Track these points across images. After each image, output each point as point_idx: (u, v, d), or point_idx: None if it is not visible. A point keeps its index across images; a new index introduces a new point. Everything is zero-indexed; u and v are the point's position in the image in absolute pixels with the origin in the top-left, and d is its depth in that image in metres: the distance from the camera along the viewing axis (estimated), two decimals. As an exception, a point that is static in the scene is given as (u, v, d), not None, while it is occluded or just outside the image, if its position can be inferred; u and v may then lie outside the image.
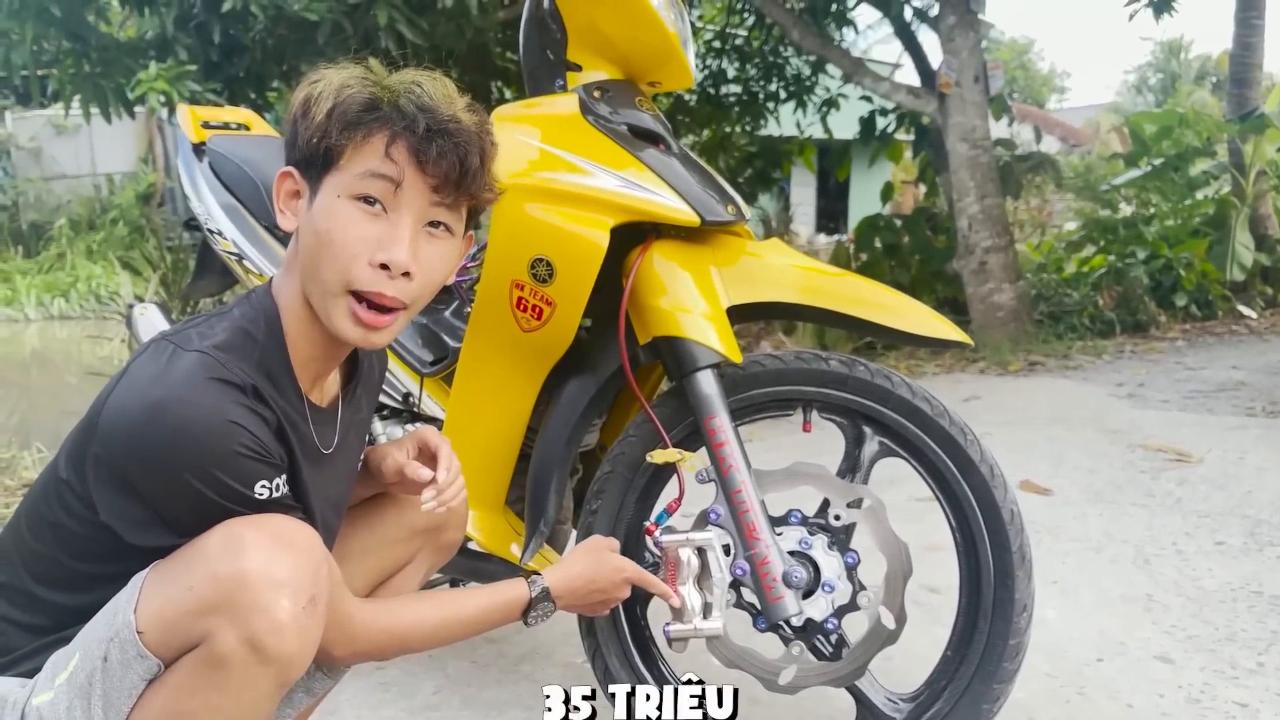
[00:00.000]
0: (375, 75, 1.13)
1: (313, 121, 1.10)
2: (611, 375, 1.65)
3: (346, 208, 1.10)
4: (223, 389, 1.05)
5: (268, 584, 1.02)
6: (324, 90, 1.10)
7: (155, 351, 1.08)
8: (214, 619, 1.01)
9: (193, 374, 1.04)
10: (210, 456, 1.03)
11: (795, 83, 8.09)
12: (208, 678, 1.03)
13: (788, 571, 1.47)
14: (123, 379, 1.07)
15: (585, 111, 1.60)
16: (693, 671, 1.71)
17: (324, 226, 1.10)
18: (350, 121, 1.09)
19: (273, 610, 1.02)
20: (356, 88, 1.10)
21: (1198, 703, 1.85)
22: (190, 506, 1.05)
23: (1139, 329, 6.61)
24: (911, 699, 1.52)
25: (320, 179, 1.11)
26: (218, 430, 1.03)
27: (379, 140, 1.09)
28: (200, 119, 2.27)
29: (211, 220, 2.13)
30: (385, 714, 1.88)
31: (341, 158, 1.10)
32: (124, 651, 1.03)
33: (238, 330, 1.12)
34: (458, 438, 1.70)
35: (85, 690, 1.04)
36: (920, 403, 1.50)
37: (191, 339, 1.09)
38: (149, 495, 1.05)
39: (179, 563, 1.06)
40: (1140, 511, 2.95)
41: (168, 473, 1.03)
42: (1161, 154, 7.90)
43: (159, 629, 1.03)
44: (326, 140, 1.09)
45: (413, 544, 1.49)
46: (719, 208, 1.56)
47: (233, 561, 1.02)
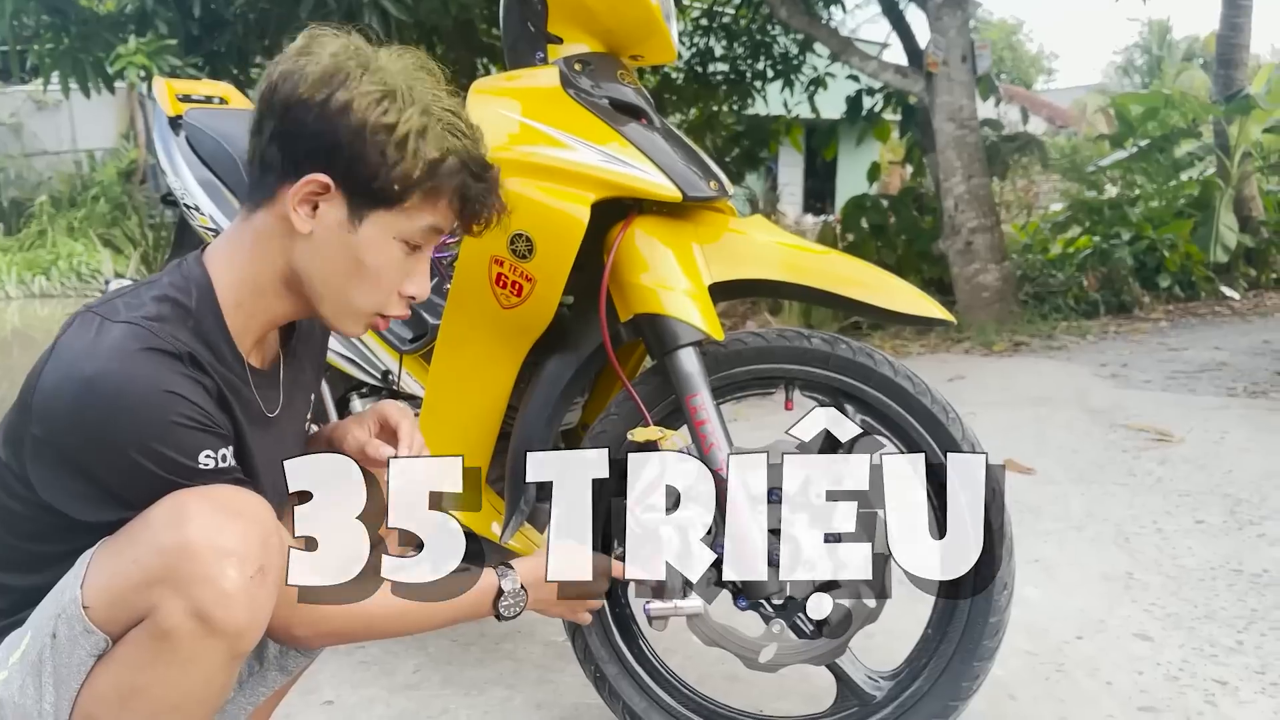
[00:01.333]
0: (451, 115, 1.12)
1: (399, 165, 1.08)
2: (592, 353, 1.64)
3: (395, 249, 1.13)
4: (158, 358, 1.03)
5: (213, 553, 1.00)
6: (416, 132, 1.08)
7: (82, 325, 1.05)
8: (159, 591, 1.00)
9: (124, 345, 1.02)
10: (149, 429, 1.01)
11: (783, 61, 8.06)
12: (155, 651, 1.02)
13: (769, 549, 1.46)
14: (51, 355, 1.05)
15: (566, 85, 1.58)
16: (673, 649, 1.71)
17: (370, 260, 1.12)
18: (441, 179, 1.10)
19: (219, 580, 1.00)
20: (453, 147, 1.11)
21: (1176, 680, 1.86)
22: (135, 481, 1.03)
23: (1123, 310, 6.63)
24: (892, 676, 1.52)
25: (372, 210, 1.11)
26: (155, 401, 1.01)
27: (451, 199, 1.13)
28: (177, 92, 2.24)
29: (188, 195, 2.10)
30: (365, 693, 1.87)
31: (407, 201, 1.10)
32: (71, 627, 1.02)
33: (166, 300, 1.09)
34: (437, 415, 1.69)
35: (36, 668, 1.04)
36: (902, 381, 1.50)
37: (118, 310, 1.06)
38: (92, 472, 1.04)
39: (124, 537, 1.05)
40: (1122, 490, 2.97)
41: (108, 449, 1.02)
42: (1147, 135, 7.91)
43: (105, 603, 1.02)
44: (408, 188, 1.09)
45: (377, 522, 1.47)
46: (701, 183, 1.54)
47: (177, 532, 1.01)
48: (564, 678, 1.91)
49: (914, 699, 1.47)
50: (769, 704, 1.71)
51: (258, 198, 1.13)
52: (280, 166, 1.09)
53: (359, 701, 1.84)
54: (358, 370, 1.94)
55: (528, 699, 1.84)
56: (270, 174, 1.11)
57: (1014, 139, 7.82)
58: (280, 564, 1.08)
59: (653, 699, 1.58)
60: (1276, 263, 7.61)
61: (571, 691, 1.86)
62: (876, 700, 1.50)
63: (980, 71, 6.14)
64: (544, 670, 1.95)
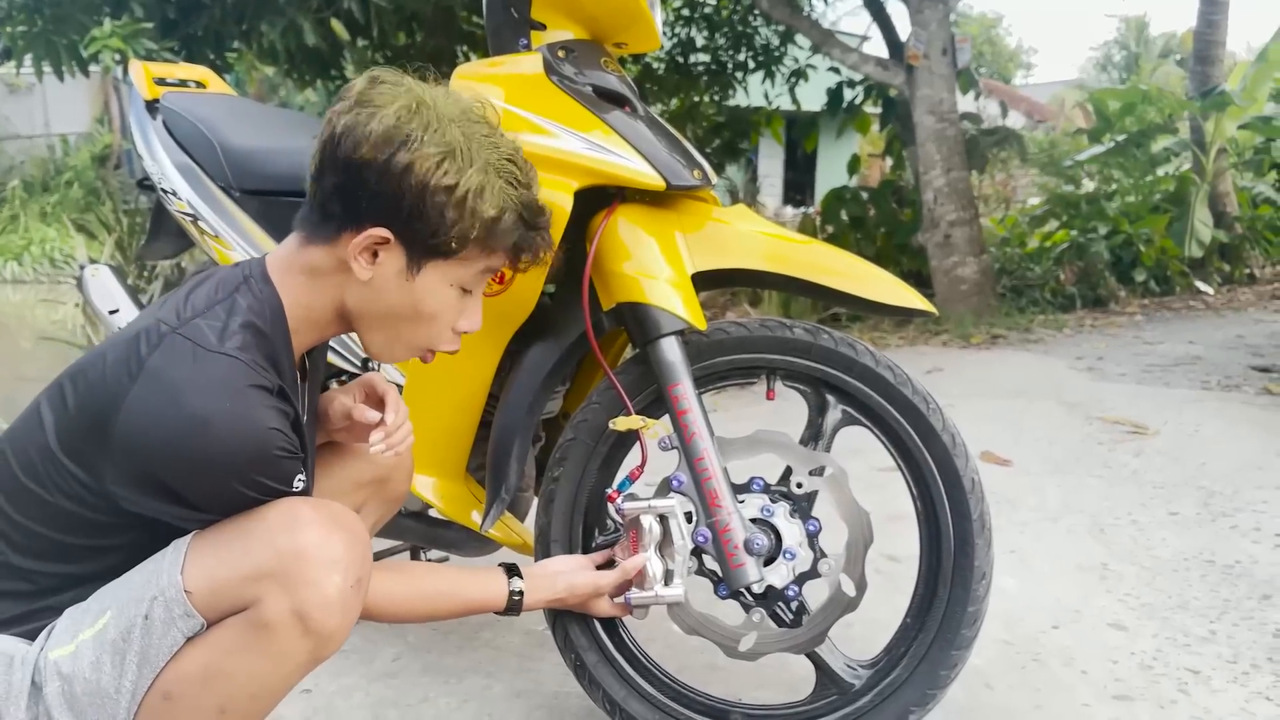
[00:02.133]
0: (510, 166, 1.17)
1: (457, 224, 1.13)
2: (574, 342, 1.63)
3: (453, 295, 1.20)
4: (259, 396, 1.09)
5: (324, 560, 1.08)
6: (474, 192, 1.13)
7: (174, 351, 1.08)
8: (266, 585, 1.07)
9: (231, 382, 1.06)
10: (256, 464, 1.08)
11: (764, 53, 8.06)
12: (251, 640, 1.08)
13: (749, 539, 1.46)
14: (143, 380, 1.06)
15: (549, 72, 1.57)
16: (653, 638, 1.71)
17: (427, 307, 1.19)
18: (498, 234, 1.17)
19: (324, 585, 1.08)
20: (510, 204, 1.17)
21: (1150, 669, 1.88)
22: (234, 504, 1.10)
23: (1099, 304, 6.68)
24: (871, 665, 1.53)
25: (430, 260, 1.17)
26: (262, 439, 1.07)
27: (507, 248, 1.20)
28: (154, 75, 2.20)
29: (165, 180, 2.07)
30: (344, 681, 1.86)
31: (464, 252, 1.17)
32: (169, 610, 1.08)
33: (250, 326, 1.13)
34: (418, 404, 1.68)
35: (119, 647, 1.08)
36: (883, 371, 1.50)
37: (205, 335, 1.09)
38: (191, 498, 1.08)
39: (231, 531, 1.11)
40: (1097, 482, 2.99)
41: (215, 482, 1.07)
42: (1124, 130, 7.97)
43: (208, 590, 1.08)
44: (466, 243, 1.15)
45: (358, 496, 1.52)
46: (685, 172, 1.54)
47: (292, 535, 1.08)
48: (543, 666, 1.91)
49: (892, 687, 1.48)
50: (748, 693, 1.72)
51: (318, 237, 1.18)
52: (341, 216, 1.15)
53: (338, 690, 1.83)
54: (337, 358, 1.92)
55: (507, 687, 1.84)
56: (331, 221, 1.16)
57: (993, 133, 7.85)
58: (370, 574, 1.17)
59: (632, 687, 1.58)
60: (1250, 259, 7.69)
61: (551, 680, 1.86)
62: (855, 689, 1.51)
63: (961, 65, 6.16)
64: (523, 659, 1.95)
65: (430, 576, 1.44)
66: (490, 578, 1.47)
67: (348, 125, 1.12)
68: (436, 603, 1.42)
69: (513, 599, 1.46)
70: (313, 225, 1.18)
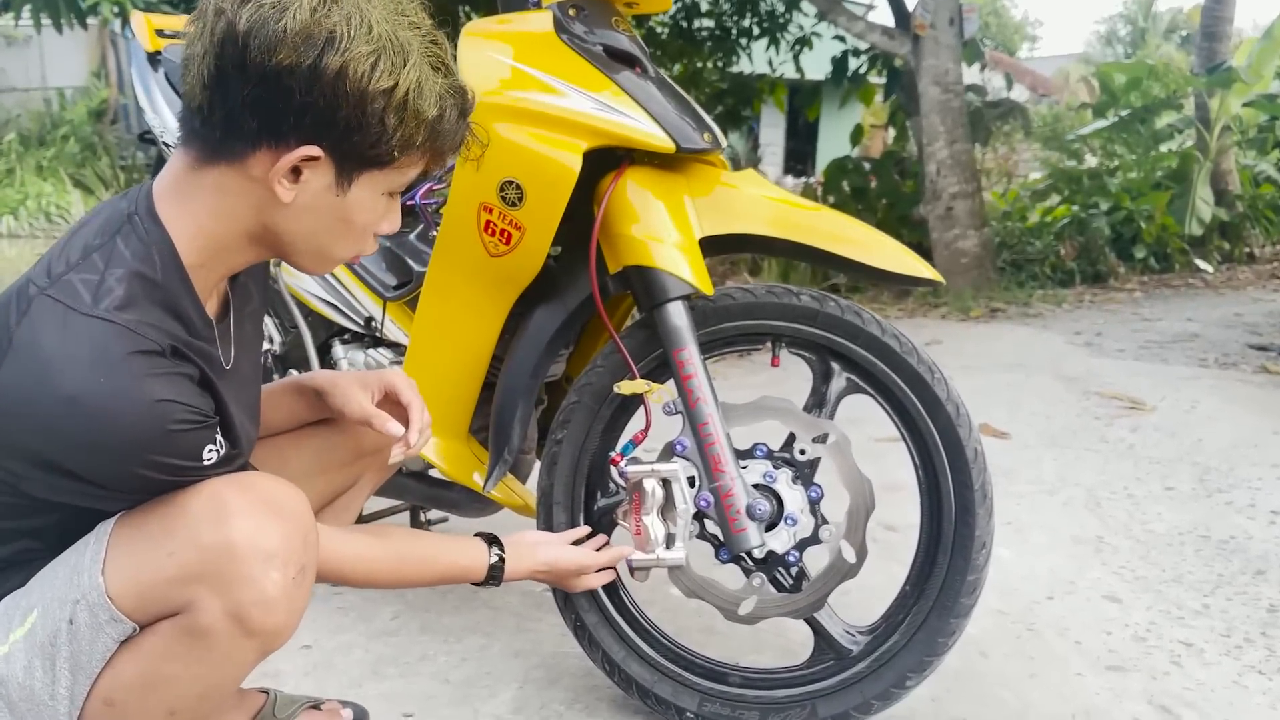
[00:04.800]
0: (441, 63, 1.04)
1: (398, 131, 1.00)
2: (580, 305, 1.63)
3: (385, 202, 1.09)
4: (140, 363, 0.94)
5: (256, 555, 0.98)
6: (414, 92, 0.99)
7: (41, 317, 0.94)
8: (197, 588, 0.98)
9: (105, 353, 0.92)
10: (148, 444, 0.95)
11: (769, 19, 7.99)
12: (187, 646, 1.00)
13: (751, 504, 1.47)
14: (10, 355, 0.93)
15: (560, 30, 1.55)
16: (651, 601, 1.72)
17: (358, 218, 1.06)
18: (440, 135, 1.05)
19: (261, 583, 0.98)
20: (448, 98, 1.04)
21: (1144, 641, 1.89)
22: (140, 486, 1.00)
23: (1098, 279, 6.68)
24: (869, 631, 1.54)
25: (362, 169, 1.03)
26: (148, 415, 0.94)
27: (439, 150, 1.07)
28: (156, 27, 2.18)
29: (168, 133, 2.05)
30: (344, 638, 1.87)
31: (401, 159, 1.04)
32: (94, 615, 0.99)
33: (135, 277, 0.98)
34: (421, 363, 1.68)
35: (48, 651, 1.01)
36: (889, 340, 1.50)
37: (79, 295, 0.95)
38: (88, 479, 0.97)
39: (153, 523, 1.01)
40: (1094, 456, 3.01)
41: (103, 463, 0.95)
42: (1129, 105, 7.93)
43: (134, 594, 0.99)
44: (407, 150, 1.03)
45: (360, 466, 1.48)
46: (695, 135, 1.52)
47: (218, 529, 0.98)
48: (541, 627, 1.92)
49: (890, 653, 1.49)
50: (745, 656, 1.73)
51: (219, 157, 1.00)
52: (256, 133, 0.98)
53: (337, 646, 1.84)
54: (340, 316, 1.92)
55: (505, 647, 1.85)
56: (239, 138, 0.98)
57: (998, 105, 7.81)
58: (316, 558, 1.07)
59: (632, 648, 1.59)
60: (1250, 238, 7.68)
61: (549, 640, 1.87)
62: (853, 654, 1.52)
63: (967, 36, 6.12)
64: (521, 619, 1.96)
65: (407, 542, 1.36)
66: (469, 545, 1.39)
67: (253, 22, 0.93)
68: (413, 569, 1.33)
69: (493, 569, 1.39)
70: (212, 144, 1.00)
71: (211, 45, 0.96)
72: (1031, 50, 31.83)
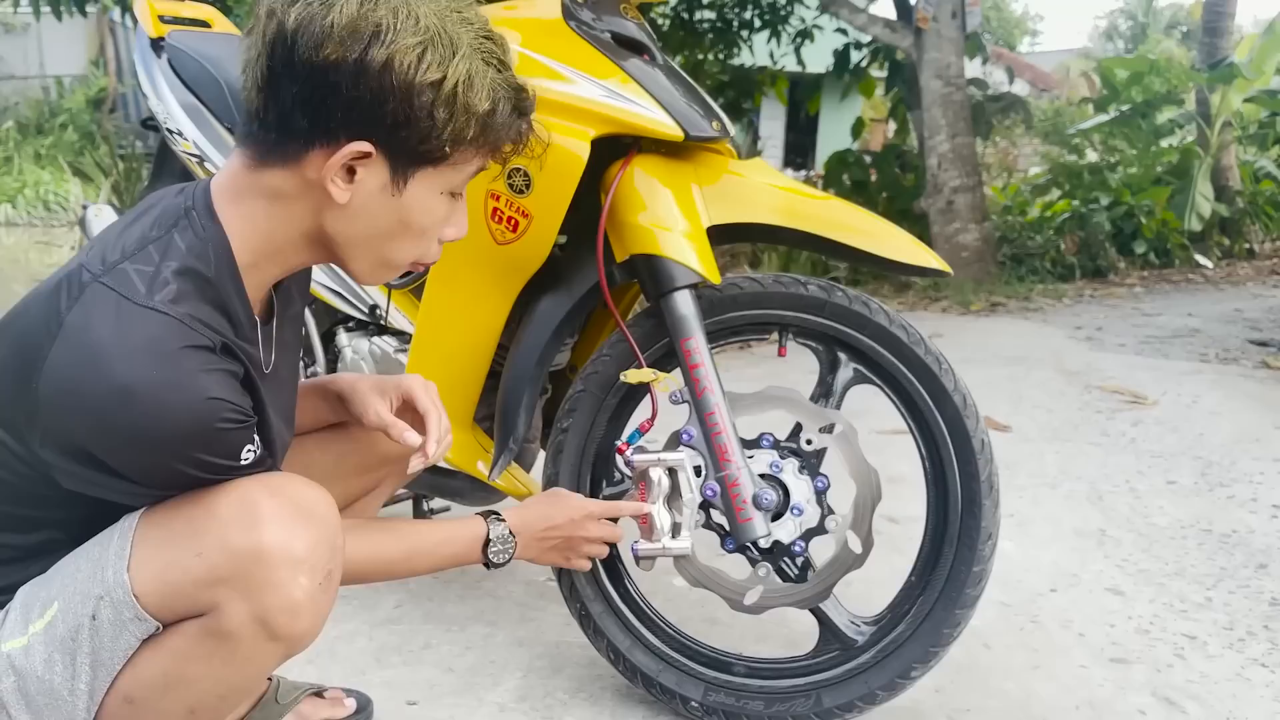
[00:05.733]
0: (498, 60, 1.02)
1: (449, 125, 0.98)
2: (586, 293, 1.62)
3: (444, 202, 1.06)
4: (195, 358, 0.94)
5: (285, 560, 0.97)
6: (463, 84, 0.98)
7: (95, 304, 0.94)
8: (224, 591, 0.97)
9: (160, 345, 0.92)
10: (195, 439, 0.95)
11: (770, 11, 7.97)
12: (211, 648, 1.00)
13: (757, 494, 1.46)
14: (61, 336, 0.93)
15: (568, 17, 1.54)
16: (655, 591, 1.72)
17: (416, 220, 1.04)
18: (494, 129, 1.02)
19: (289, 589, 0.98)
20: (500, 91, 1.01)
21: (1147, 633, 1.89)
22: (174, 481, 0.99)
23: (1099, 274, 6.68)
24: (874, 622, 1.54)
25: (418, 169, 1.02)
26: (200, 411, 0.94)
27: (499, 142, 1.06)
28: (159, 13, 2.17)
29: (171, 119, 2.05)
30: (347, 627, 1.87)
31: (455, 155, 1.02)
32: (118, 613, 0.99)
33: (188, 272, 0.98)
34: (426, 352, 1.68)
35: (69, 646, 1.00)
36: (896, 330, 1.49)
37: (134, 285, 0.95)
38: (126, 473, 0.97)
39: (182, 521, 1.00)
40: (1095, 450, 3.01)
41: (143, 456, 0.95)
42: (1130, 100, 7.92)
43: (159, 593, 0.99)
44: (459, 146, 1.01)
45: (381, 471, 1.47)
46: (704, 123, 1.52)
47: (248, 533, 0.97)
48: (545, 616, 1.92)
49: (895, 644, 1.49)
50: (750, 646, 1.73)
51: (275, 158, 1.00)
52: (308, 131, 0.97)
53: (340, 635, 1.84)
54: (344, 304, 1.91)
55: (509, 636, 1.85)
56: (294, 138, 0.98)
57: (999, 99, 7.80)
58: (342, 563, 1.06)
59: (636, 637, 1.59)
60: (1250, 233, 7.68)
61: (553, 629, 1.87)
62: (858, 644, 1.52)
63: (970, 29, 6.10)
64: (525, 608, 1.96)
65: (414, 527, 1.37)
66: (473, 522, 1.37)
67: (300, 20, 0.94)
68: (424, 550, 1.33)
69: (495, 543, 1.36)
70: (268, 144, 1.00)
71: (264, 47, 0.96)
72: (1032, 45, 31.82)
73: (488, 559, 1.36)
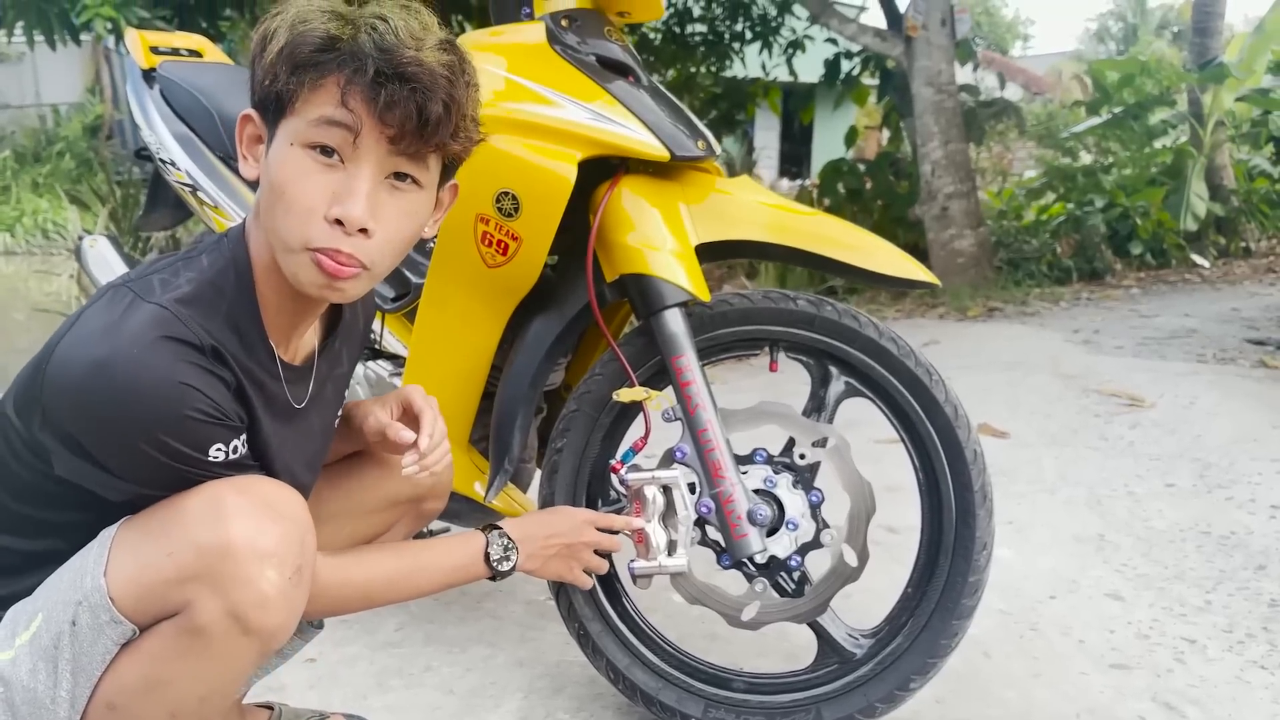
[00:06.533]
0: (339, 7, 1.01)
1: (266, 60, 1.00)
2: (578, 313, 1.63)
3: (300, 158, 1.00)
4: (176, 348, 0.98)
5: (253, 555, 0.99)
6: (280, 24, 1.00)
7: (112, 299, 1.00)
8: (195, 588, 0.98)
9: (145, 330, 0.96)
10: (159, 421, 0.97)
11: (761, 23, 8.01)
12: (186, 647, 1.01)
13: (752, 509, 1.47)
14: (74, 325, 1.00)
15: (553, 41, 1.55)
16: (653, 608, 1.72)
17: (278, 177, 1.01)
18: (301, 62, 0.98)
19: (258, 582, 0.99)
20: (314, 23, 0.99)
21: (1147, 638, 1.90)
22: (139, 467, 1.00)
23: (1095, 276, 6.69)
24: (872, 634, 1.54)
25: (276, 124, 1.02)
26: (167, 394, 0.96)
27: (332, 85, 0.98)
28: (150, 44, 2.19)
29: (164, 150, 2.06)
30: (348, 651, 1.87)
31: (295, 102, 1.00)
32: (95, 616, 1.00)
33: (205, 283, 1.04)
34: (420, 375, 1.68)
35: (51, 654, 1.01)
36: (886, 343, 1.50)
37: (153, 288, 1.01)
38: (98, 455, 1.00)
39: (154, 524, 1.02)
40: (1094, 454, 3.01)
41: (114, 435, 0.98)
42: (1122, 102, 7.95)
43: (134, 594, 1.00)
44: (277, 83, 0.99)
45: (393, 513, 1.46)
46: (689, 143, 1.53)
47: (215, 530, 0.99)
48: (545, 636, 1.92)
49: (894, 656, 1.49)
50: (749, 661, 1.73)
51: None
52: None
53: (342, 659, 1.84)
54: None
55: (510, 656, 1.85)
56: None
57: (991, 104, 7.83)
58: (313, 561, 1.07)
59: (635, 655, 1.59)
60: (1246, 232, 7.69)
61: (553, 649, 1.87)
62: (857, 658, 1.52)
63: (959, 36, 6.13)
64: (525, 628, 1.96)
65: (415, 547, 1.36)
66: (472, 537, 1.36)
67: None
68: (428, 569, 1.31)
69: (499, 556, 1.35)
70: None
71: None
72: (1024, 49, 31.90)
73: (491, 566, 1.36)
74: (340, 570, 1.22)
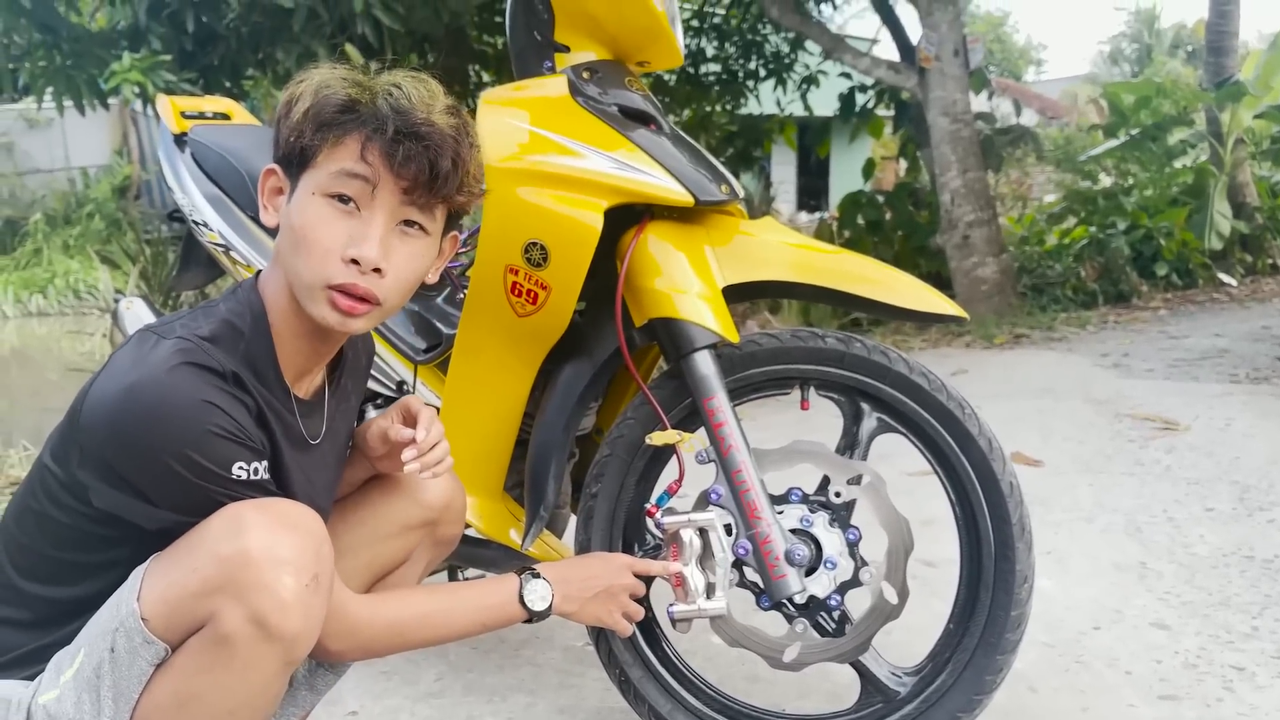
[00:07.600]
0: (358, 76, 1.15)
1: (292, 120, 1.12)
2: (608, 359, 1.64)
3: (320, 206, 1.12)
4: (199, 372, 1.06)
5: (270, 562, 1.04)
6: (304, 90, 1.13)
7: (138, 341, 1.09)
8: (218, 598, 1.03)
9: (170, 358, 1.05)
10: (185, 437, 1.04)
11: (774, 60, 8.09)
12: (213, 657, 1.05)
13: (790, 549, 1.47)
14: (105, 368, 1.09)
15: (575, 93, 1.58)
16: (693, 650, 1.71)
17: (299, 223, 1.12)
18: (325, 121, 1.11)
19: (276, 588, 1.03)
20: (335, 88, 1.12)
21: (1195, 667, 1.87)
22: (168, 486, 1.06)
23: (1121, 299, 6.65)
24: (915, 672, 1.53)
25: (298, 177, 1.14)
26: (191, 411, 1.04)
27: (353, 141, 1.11)
28: (180, 109, 2.24)
29: (196, 212, 2.10)
30: (389, 703, 1.87)
31: (317, 156, 1.12)
32: (130, 639, 1.05)
33: (223, 323, 1.13)
34: (454, 425, 1.69)
35: (93, 683, 1.06)
36: (918, 378, 1.50)
37: (174, 329, 1.10)
38: (132, 480, 1.06)
39: (181, 548, 1.08)
40: (1130, 480, 2.98)
41: (145, 455, 1.04)
42: (1140, 124, 7.94)
43: (163, 613, 1.05)
44: (302, 140, 1.11)
45: (408, 539, 1.46)
46: (712, 187, 1.55)
47: (234, 541, 1.04)
48: (585, 682, 1.92)
49: (938, 694, 1.48)
50: (791, 703, 1.72)
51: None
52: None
53: (383, 711, 1.84)
54: (372, 381, 1.94)
55: (550, 704, 1.85)
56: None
57: (1008, 131, 7.83)
58: (330, 573, 1.12)
59: (678, 700, 1.59)
60: (1272, 249, 7.64)
61: (593, 695, 1.86)
62: (901, 696, 1.51)
63: (973, 65, 6.16)
64: (565, 675, 1.96)
65: (452, 589, 1.39)
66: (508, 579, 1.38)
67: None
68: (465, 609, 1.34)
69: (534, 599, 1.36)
70: None
71: None
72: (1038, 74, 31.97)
73: (526, 606, 1.36)
74: (370, 606, 1.26)
